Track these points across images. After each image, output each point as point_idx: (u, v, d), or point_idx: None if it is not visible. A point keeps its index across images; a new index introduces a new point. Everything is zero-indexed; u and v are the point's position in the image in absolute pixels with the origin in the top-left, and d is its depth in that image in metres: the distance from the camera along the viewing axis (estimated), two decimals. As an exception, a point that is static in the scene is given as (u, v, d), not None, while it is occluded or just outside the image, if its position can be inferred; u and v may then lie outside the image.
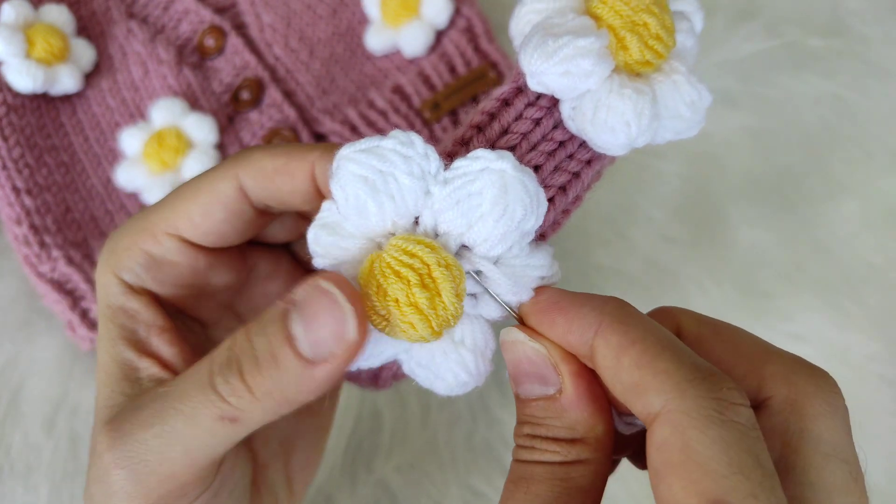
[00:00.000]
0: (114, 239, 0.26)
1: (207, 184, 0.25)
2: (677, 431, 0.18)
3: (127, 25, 0.49)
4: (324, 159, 0.24)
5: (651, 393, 0.19)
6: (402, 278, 0.21)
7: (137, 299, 0.25)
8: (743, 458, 0.18)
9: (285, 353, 0.20)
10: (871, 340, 0.46)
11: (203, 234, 0.26)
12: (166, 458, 0.21)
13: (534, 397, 0.22)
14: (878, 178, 0.51)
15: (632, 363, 0.20)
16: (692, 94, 0.22)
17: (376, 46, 0.49)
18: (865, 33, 0.55)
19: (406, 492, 0.41)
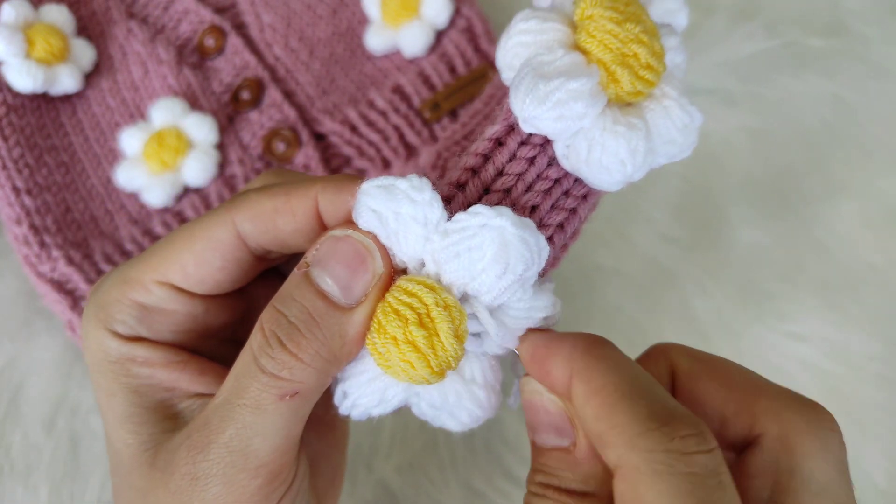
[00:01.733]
0: (98, 294, 0.25)
1: (202, 231, 0.24)
2: (630, 487, 0.18)
3: (127, 25, 0.49)
4: (326, 191, 0.23)
5: (609, 447, 0.19)
6: (400, 317, 0.21)
7: (139, 345, 0.24)
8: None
9: (321, 307, 0.21)
10: (870, 340, 0.46)
11: (197, 283, 0.25)
12: (250, 452, 0.21)
13: (549, 447, 0.21)
14: (878, 178, 0.51)
15: (594, 415, 0.20)
16: (684, 118, 0.22)
17: (376, 46, 0.49)
18: (865, 33, 0.55)
19: (406, 492, 0.41)
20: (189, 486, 0.22)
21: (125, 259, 0.43)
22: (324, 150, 0.47)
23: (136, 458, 0.24)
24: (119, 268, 0.26)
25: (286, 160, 0.46)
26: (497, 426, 0.43)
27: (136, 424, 0.24)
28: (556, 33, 0.22)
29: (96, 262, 0.42)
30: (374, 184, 0.22)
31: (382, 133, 0.46)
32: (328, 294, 0.21)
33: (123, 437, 0.24)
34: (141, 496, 0.23)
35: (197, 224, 0.24)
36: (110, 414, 0.24)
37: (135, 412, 0.24)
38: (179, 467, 0.22)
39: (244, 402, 0.21)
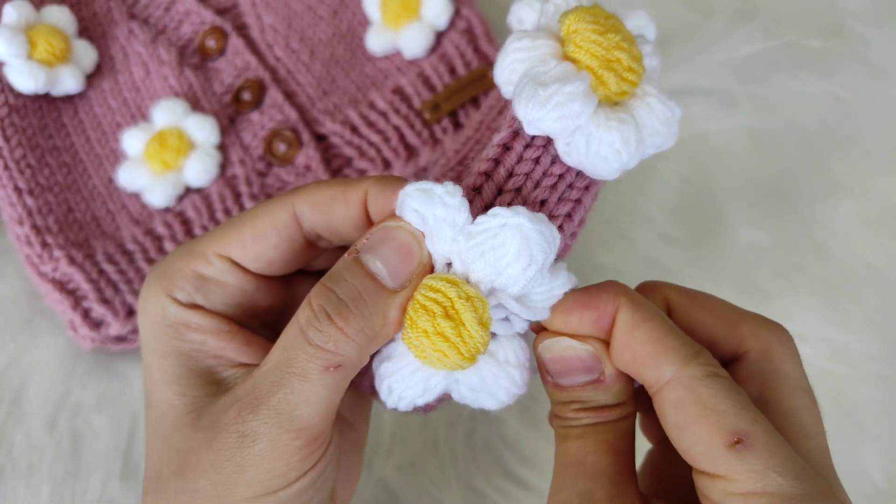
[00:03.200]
0: (162, 265, 0.28)
1: (264, 211, 0.27)
2: (690, 391, 0.23)
3: (128, 26, 0.49)
4: (376, 187, 0.26)
5: (662, 364, 0.24)
6: (428, 312, 0.24)
7: (196, 314, 0.27)
8: (740, 400, 0.23)
9: (370, 287, 0.24)
10: (870, 340, 0.46)
11: (253, 259, 0.27)
12: (294, 416, 0.24)
13: (580, 383, 0.26)
14: (877, 178, 0.51)
15: (644, 339, 0.24)
16: (665, 112, 0.25)
17: (377, 47, 0.50)
18: (864, 34, 0.55)
19: (406, 491, 0.41)
20: (236, 443, 0.24)
21: (127, 259, 0.43)
22: (325, 151, 0.47)
23: (180, 419, 0.26)
24: (184, 244, 0.28)
25: (287, 161, 0.46)
26: (497, 426, 0.43)
27: (184, 386, 0.26)
28: (546, 48, 0.25)
29: (98, 262, 0.42)
30: (415, 187, 0.24)
31: (383, 134, 0.46)
32: (377, 276, 0.24)
33: (170, 397, 0.26)
34: (182, 456, 0.25)
35: (260, 206, 0.27)
36: (159, 374, 0.26)
37: (183, 374, 0.26)
38: (227, 426, 0.24)
39: (292, 371, 0.23)
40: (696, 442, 0.23)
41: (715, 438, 0.22)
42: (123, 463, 0.41)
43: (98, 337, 0.42)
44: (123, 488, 0.41)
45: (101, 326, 0.42)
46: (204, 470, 0.24)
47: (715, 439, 0.22)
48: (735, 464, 0.22)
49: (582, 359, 0.26)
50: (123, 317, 0.42)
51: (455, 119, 0.47)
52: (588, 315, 0.25)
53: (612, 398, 0.26)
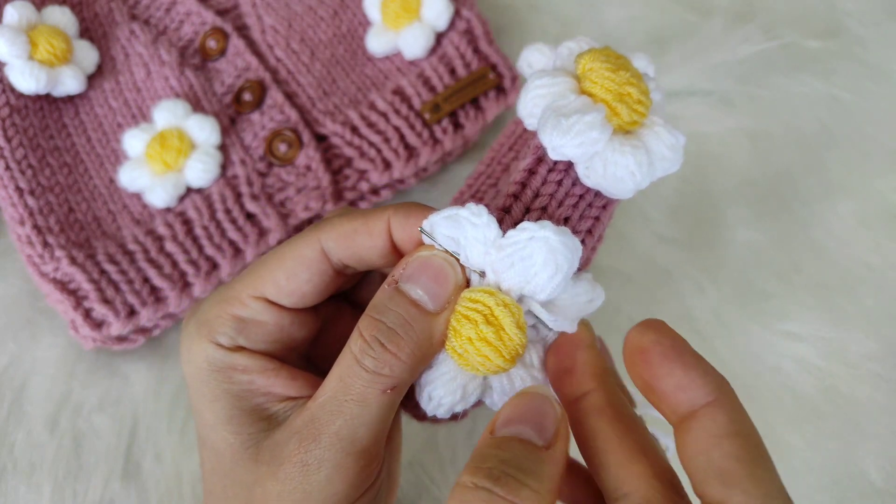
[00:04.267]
0: (198, 314, 0.29)
1: (291, 251, 0.28)
2: None
3: (129, 27, 0.49)
4: (398, 216, 0.27)
5: (737, 490, 0.21)
6: (470, 320, 0.26)
7: (240, 355, 0.28)
8: None
9: (416, 314, 0.25)
10: (868, 340, 0.47)
11: (287, 296, 0.29)
12: (356, 439, 0.25)
13: (520, 437, 0.23)
14: (875, 179, 0.51)
15: (730, 453, 0.22)
16: (671, 139, 0.28)
17: (377, 48, 0.50)
18: (862, 35, 0.56)
19: (406, 490, 0.41)
20: (300, 472, 0.25)
21: (128, 259, 0.43)
22: (325, 151, 0.47)
23: (239, 455, 0.27)
24: (217, 290, 0.30)
25: (288, 161, 0.47)
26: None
27: (238, 425, 0.27)
28: (565, 84, 0.28)
29: (99, 262, 0.42)
30: (443, 215, 0.26)
31: (383, 134, 0.47)
32: (419, 302, 0.26)
33: (226, 437, 0.27)
34: (246, 489, 0.27)
35: (287, 246, 0.29)
36: (212, 417, 0.28)
37: (235, 414, 0.28)
38: (290, 457, 0.26)
39: (351, 398, 0.25)
40: None
41: None
42: (124, 462, 0.41)
43: (99, 337, 0.42)
44: (124, 488, 0.41)
45: (102, 326, 0.42)
46: (273, 499, 0.26)
47: None
48: None
49: (539, 411, 0.24)
50: (124, 317, 0.42)
51: (455, 119, 0.48)
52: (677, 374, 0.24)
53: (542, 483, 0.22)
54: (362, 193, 0.47)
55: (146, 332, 0.44)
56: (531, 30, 0.56)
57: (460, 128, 0.47)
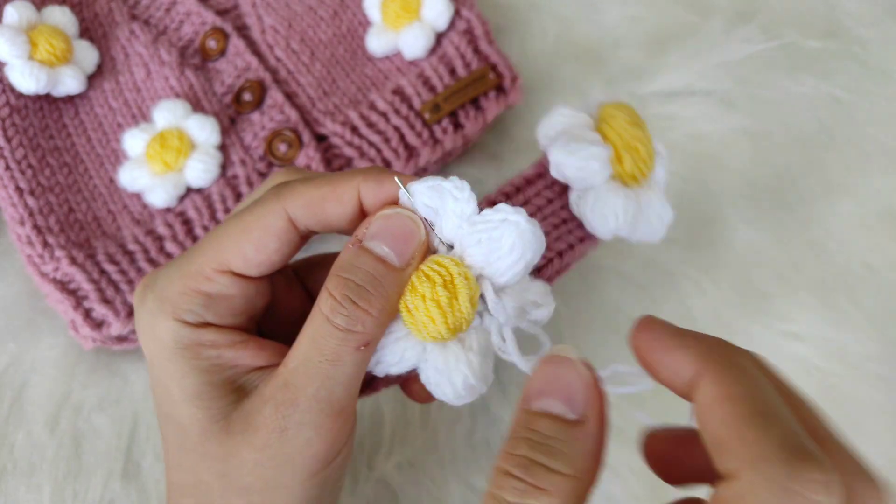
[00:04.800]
0: (157, 288, 0.28)
1: (256, 220, 0.27)
2: (738, 499, 0.19)
3: (129, 27, 0.49)
4: (368, 181, 0.27)
5: (728, 455, 0.20)
6: (430, 280, 0.26)
7: (207, 331, 0.28)
8: None
9: (381, 269, 0.26)
10: (868, 340, 0.47)
11: (255, 267, 0.28)
12: (334, 399, 0.26)
13: (550, 412, 0.23)
14: (875, 179, 0.51)
15: (721, 420, 0.21)
16: (661, 209, 0.30)
17: (377, 48, 0.50)
18: (862, 35, 0.56)
19: (406, 490, 0.41)
20: (278, 438, 0.26)
21: (128, 259, 0.43)
22: (325, 151, 0.47)
23: (208, 429, 0.27)
24: (174, 263, 0.28)
25: (288, 161, 0.47)
26: (497, 425, 0.43)
27: (207, 400, 0.27)
28: (584, 120, 0.30)
29: (99, 263, 0.42)
30: (426, 184, 0.27)
31: (383, 134, 0.47)
32: (385, 258, 0.26)
33: (193, 412, 0.27)
34: (219, 462, 0.26)
35: (249, 215, 0.27)
36: (179, 393, 0.27)
37: (205, 390, 0.27)
38: (266, 425, 0.26)
39: (325, 358, 0.25)
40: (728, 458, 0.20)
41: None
42: (125, 462, 0.41)
43: (99, 337, 0.42)
44: (125, 488, 0.41)
45: (102, 326, 0.42)
46: (250, 468, 0.26)
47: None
48: None
49: (569, 382, 0.23)
50: (124, 317, 0.42)
51: (455, 119, 0.48)
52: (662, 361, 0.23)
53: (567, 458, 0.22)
54: (362, 193, 0.47)
55: (146, 332, 0.44)
56: (531, 30, 0.56)
57: (460, 128, 0.47)
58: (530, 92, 0.53)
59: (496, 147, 0.52)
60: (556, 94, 0.53)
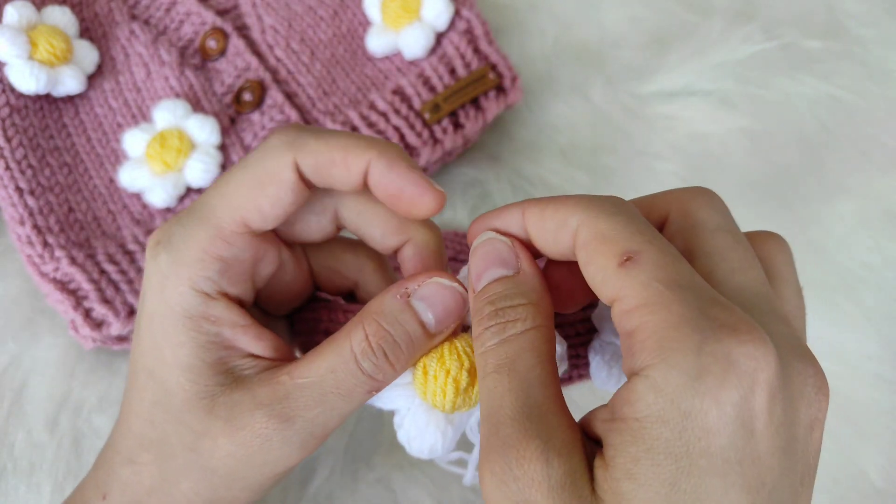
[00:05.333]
0: (174, 247, 0.27)
1: (268, 174, 0.27)
2: (591, 228, 0.23)
3: (129, 27, 0.49)
4: (379, 161, 0.26)
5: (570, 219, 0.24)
6: (459, 359, 0.27)
7: (217, 304, 0.27)
8: (638, 227, 0.23)
9: (419, 333, 0.26)
10: (867, 340, 0.47)
11: (271, 221, 0.28)
12: (328, 426, 0.27)
13: (495, 278, 0.25)
14: (875, 179, 0.51)
15: (548, 213, 0.25)
16: None
17: (377, 48, 0.50)
18: (862, 35, 0.56)
19: (406, 489, 0.41)
20: (261, 444, 0.26)
21: (128, 259, 0.43)
22: (325, 151, 0.47)
23: (193, 402, 0.27)
24: (188, 218, 0.27)
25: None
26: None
27: (196, 374, 0.27)
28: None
29: (99, 262, 0.42)
30: None
31: (383, 134, 0.47)
32: (426, 325, 0.26)
33: (181, 381, 0.27)
34: (195, 437, 0.27)
35: (258, 167, 0.27)
36: (172, 358, 0.27)
37: (196, 364, 0.27)
38: (253, 427, 0.26)
39: (339, 392, 0.26)
40: (596, 271, 0.23)
41: (609, 261, 0.22)
42: (124, 462, 0.41)
43: (99, 337, 0.42)
44: (124, 487, 0.41)
45: (102, 326, 0.42)
46: (222, 456, 0.27)
47: (609, 262, 0.22)
48: (623, 279, 0.22)
49: (498, 251, 0.26)
50: (124, 317, 0.42)
51: (455, 119, 0.48)
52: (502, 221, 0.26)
53: (524, 296, 0.25)
54: (362, 193, 0.47)
55: (146, 332, 0.44)
56: (531, 30, 0.56)
57: (460, 128, 0.47)
58: (530, 92, 0.53)
59: (496, 147, 0.52)
60: (556, 94, 0.53)
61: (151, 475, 0.27)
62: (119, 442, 0.29)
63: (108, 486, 0.28)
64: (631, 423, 0.21)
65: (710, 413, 0.20)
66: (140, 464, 0.28)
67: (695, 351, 0.20)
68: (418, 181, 0.27)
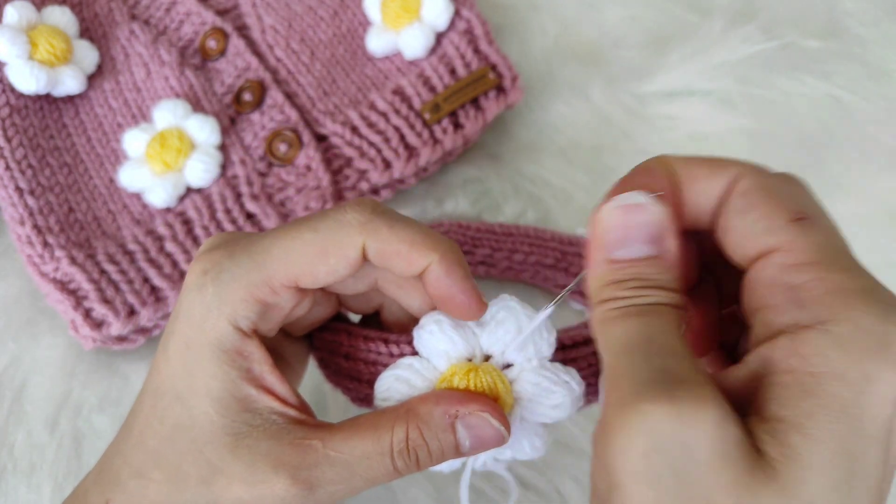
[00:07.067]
0: (223, 283, 0.28)
1: (336, 247, 0.28)
2: (757, 182, 0.23)
3: (129, 27, 0.49)
4: (441, 264, 0.27)
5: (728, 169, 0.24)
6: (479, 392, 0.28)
7: (251, 342, 0.28)
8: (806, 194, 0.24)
9: (452, 452, 0.28)
10: (867, 340, 0.47)
11: (321, 284, 0.28)
12: (342, 500, 0.28)
13: (641, 257, 0.24)
14: (875, 179, 0.51)
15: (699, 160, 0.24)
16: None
17: (377, 48, 0.50)
18: (862, 35, 0.56)
19: (406, 489, 0.41)
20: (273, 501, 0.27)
21: (128, 259, 0.43)
22: (325, 151, 0.47)
23: (217, 436, 0.27)
24: (242, 258, 0.28)
25: (288, 161, 0.47)
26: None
27: (225, 408, 0.27)
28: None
29: (99, 262, 0.42)
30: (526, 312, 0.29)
31: (383, 134, 0.47)
32: (461, 446, 0.27)
33: (209, 412, 0.27)
34: (212, 471, 0.27)
35: (327, 238, 0.28)
36: (204, 391, 0.28)
37: (226, 398, 0.28)
38: (273, 486, 0.27)
39: (364, 476, 0.27)
40: (758, 219, 0.23)
41: (778, 213, 0.22)
42: (125, 462, 0.41)
43: (99, 337, 0.42)
44: (125, 487, 0.41)
45: (102, 326, 0.42)
46: (232, 499, 0.27)
47: (778, 214, 0.22)
48: (796, 234, 0.22)
49: (652, 224, 0.24)
50: (125, 317, 0.42)
51: (455, 119, 0.48)
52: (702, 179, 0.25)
53: (670, 281, 0.24)
54: (362, 193, 0.47)
55: (146, 332, 0.44)
56: (531, 30, 0.56)
57: (460, 128, 0.47)
58: (530, 92, 0.53)
59: (496, 147, 0.52)
60: (556, 94, 0.53)
61: (158, 493, 0.28)
62: (130, 454, 0.29)
63: (112, 493, 0.28)
64: (802, 377, 0.20)
65: (892, 382, 0.20)
66: (149, 479, 0.28)
67: (882, 318, 0.20)
68: (469, 291, 0.28)
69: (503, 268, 0.46)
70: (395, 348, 0.30)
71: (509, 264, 0.46)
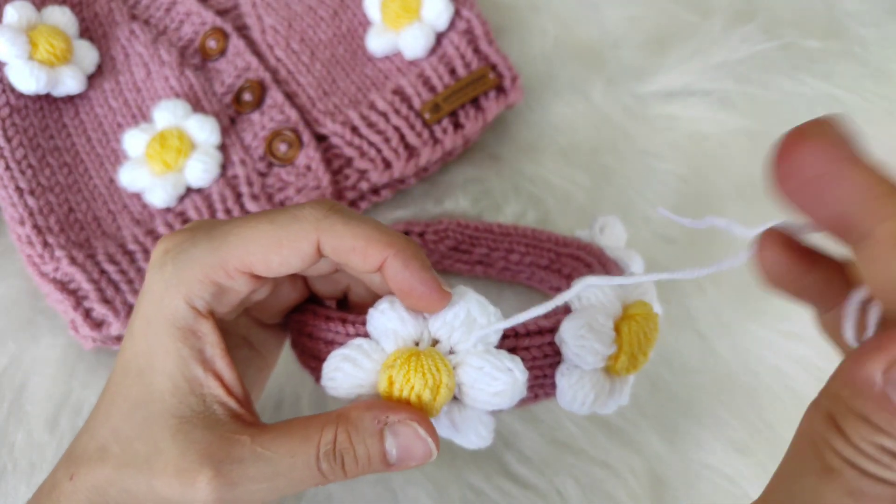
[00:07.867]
0: (182, 265, 0.29)
1: (290, 240, 0.28)
2: None
3: (129, 27, 0.49)
4: (397, 259, 0.28)
5: None
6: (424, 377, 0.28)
7: (205, 323, 0.29)
8: None
9: (379, 463, 0.28)
10: (867, 340, 0.47)
11: (274, 273, 0.29)
12: (265, 501, 0.27)
13: None
14: (875, 179, 0.51)
15: None
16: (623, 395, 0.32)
17: (377, 48, 0.50)
18: (862, 35, 0.56)
19: (406, 489, 0.41)
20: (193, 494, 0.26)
21: (128, 259, 0.43)
22: (325, 151, 0.47)
23: (164, 416, 0.28)
24: (201, 241, 0.29)
25: (288, 161, 0.47)
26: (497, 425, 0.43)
27: (175, 387, 0.28)
28: (612, 309, 0.31)
29: (99, 262, 0.43)
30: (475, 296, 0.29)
31: (383, 134, 0.47)
32: (388, 456, 0.27)
33: (163, 391, 0.28)
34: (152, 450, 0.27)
35: (283, 230, 0.28)
36: (161, 368, 0.28)
37: (177, 376, 0.28)
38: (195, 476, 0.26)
39: (289, 476, 0.27)
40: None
41: None
42: (125, 462, 0.41)
43: (99, 337, 0.42)
44: (125, 487, 0.41)
45: (102, 326, 0.42)
46: (162, 485, 0.27)
47: None
48: None
49: None
50: (124, 317, 0.42)
51: (455, 119, 0.48)
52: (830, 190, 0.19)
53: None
54: (362, 193, 0.47)
55: (146, 332, 0.44)
56: (531, 30, 0.56)
57: (460, 127, 0.47)
58: (530, 92, 0.53)
59: (496, 147, 0.52)
60: (557, 94, 0.53)
61: (113, 469, 0.28)
62: (97, 429, 0.29)
63: (76, 468, 0.29)
64: None
65: None
66: (109, 454, 0.28)
67: None
68: (428, 282, 0.28)
69: (500, 268, 0.46)
70: (352, 328, 0.30)
71: (506, 264, 0.46)
